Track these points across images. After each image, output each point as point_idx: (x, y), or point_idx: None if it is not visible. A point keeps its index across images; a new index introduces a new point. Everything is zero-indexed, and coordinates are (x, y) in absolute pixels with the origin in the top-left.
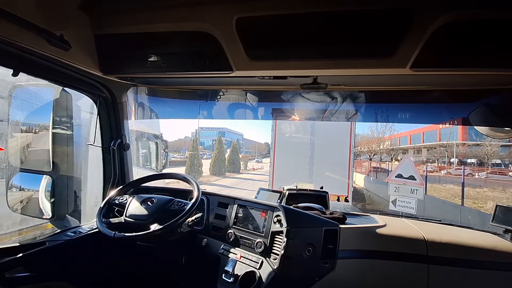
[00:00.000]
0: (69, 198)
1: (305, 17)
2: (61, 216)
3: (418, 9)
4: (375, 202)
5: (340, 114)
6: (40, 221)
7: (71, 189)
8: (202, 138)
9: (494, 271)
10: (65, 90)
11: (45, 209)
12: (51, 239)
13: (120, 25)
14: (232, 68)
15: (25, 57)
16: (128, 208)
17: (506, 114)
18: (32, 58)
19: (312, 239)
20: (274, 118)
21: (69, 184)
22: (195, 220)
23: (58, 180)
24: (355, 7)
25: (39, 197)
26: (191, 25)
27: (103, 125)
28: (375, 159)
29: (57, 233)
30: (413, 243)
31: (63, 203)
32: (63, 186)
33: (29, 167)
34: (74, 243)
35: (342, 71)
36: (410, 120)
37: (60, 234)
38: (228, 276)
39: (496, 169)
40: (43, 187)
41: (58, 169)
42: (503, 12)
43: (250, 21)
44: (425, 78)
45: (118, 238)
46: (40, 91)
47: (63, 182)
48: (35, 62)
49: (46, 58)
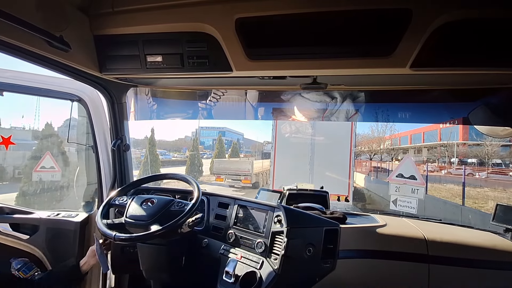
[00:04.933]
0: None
1: (304, 17)
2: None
3: (417, 8)
4: (376, 202)
5: (340, 114)
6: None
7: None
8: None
9: (494, 270)
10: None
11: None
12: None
13: (120, 25)
14: (231, 68)
15: (24, 58)
16: (129, 209)
17: (506, 113)
18: (31, 59)
19: (312, 239)
20: (274, 118)
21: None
22: (196, 221)
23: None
24: (354, 7)
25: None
26: (191, 25)
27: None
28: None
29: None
30: (414, 243)
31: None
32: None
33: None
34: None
35: (342, 71)
36: (410, 120)
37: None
38: (229, 276)
39: (496, 169)
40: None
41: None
42: (502, 11)
43: (250, 21)
44: (425, 77)
45: (118, 239)
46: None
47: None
48: (35, 64)
49: (46, 60)
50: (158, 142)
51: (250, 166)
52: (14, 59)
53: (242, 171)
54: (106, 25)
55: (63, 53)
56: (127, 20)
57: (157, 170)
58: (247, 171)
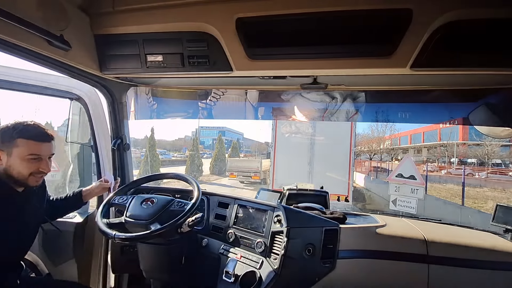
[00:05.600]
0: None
1: (304, 17)
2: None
3: (417, 8)
4: (375, 202)
5: (340, 114)
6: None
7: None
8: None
9: (494, 271)
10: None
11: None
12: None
13: (120, 25)
14: (232, 68)
15: (24, 57)
16: (129, 208)
17: (506, 114)
18: (32, 59)
19: (312, 239)
20: (274, 118)
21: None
22: (195, 220)
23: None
24: (354, 7)
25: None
26: (191, 24)
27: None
28: (375, 159)
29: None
30: (413, 243)
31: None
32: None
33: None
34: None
35: (342, 71)
36: (410, 120)
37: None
38: (229, 276)
39: (496, 169)
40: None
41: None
42: (502, 11)
43: (250, 21)
44: (425, 77)
45: (118, 238)
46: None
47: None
48: (35, 63)
49: (46, 59)
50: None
51: (259, 164)
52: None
53: (252, 169)
54: (106, 25)
55: (63, 52)
56: (127, 19)
57: (157, 169)
58: (257, 168)
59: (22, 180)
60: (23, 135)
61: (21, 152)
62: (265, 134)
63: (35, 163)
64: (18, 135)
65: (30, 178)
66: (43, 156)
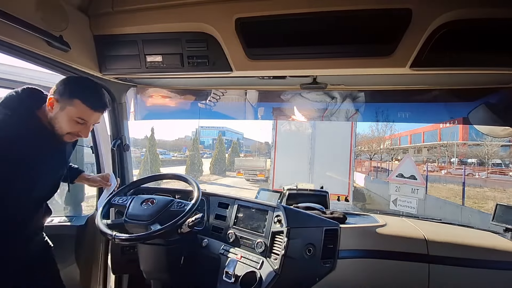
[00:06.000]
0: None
1: (304, 17)
2: None
3: (417, 8)
4: (376, 202)
5: (340, 114)
6: None
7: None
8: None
9: (494, 270)
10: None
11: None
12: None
13: (120, 25)
14: (231, 68)
15: (24, 58)
16: (129, 209)
17: (506, 113)
18: (31, 59)
19: (312, 239)
20: (274, 117)
21: None
22: (195, 221)
23: None
24: (354, 7)
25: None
26: (190, 25)
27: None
28: (375, 159)
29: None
30: (414, 243)
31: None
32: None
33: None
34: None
35: (342, 71)
36: (410, 120)
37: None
38: (229, 276)
39: (496, 169)
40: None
41: None
42: (502, 11)
43: (250, 21)
44: (425, 77)
45: (118, 239)
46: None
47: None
48: (35, 64)
49: (46, 59)
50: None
51: (264, 163)
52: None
53: (258, 167)
54: (106, 25)
55: (62, 53)
56: (127, 20)
57: (157, 169)
58: (262, 167)
59: (59, 134)
60: (82, 98)
61: (73, 112)
62: (265, 134)
63: (79, 126)
64: (78, 97)
65: (67, 136)
66: (89, 123)
